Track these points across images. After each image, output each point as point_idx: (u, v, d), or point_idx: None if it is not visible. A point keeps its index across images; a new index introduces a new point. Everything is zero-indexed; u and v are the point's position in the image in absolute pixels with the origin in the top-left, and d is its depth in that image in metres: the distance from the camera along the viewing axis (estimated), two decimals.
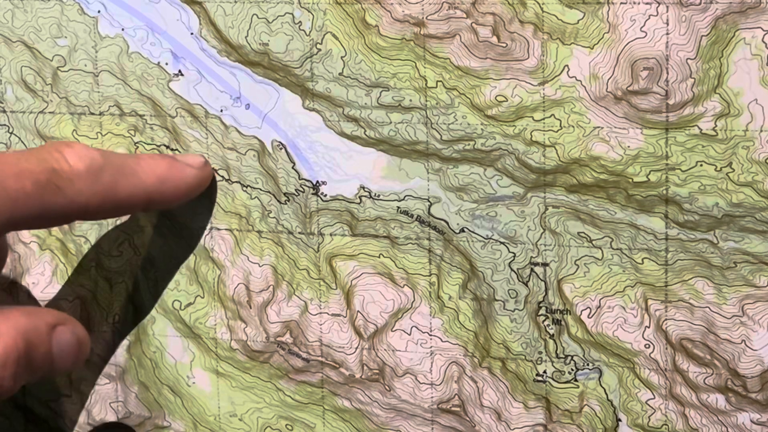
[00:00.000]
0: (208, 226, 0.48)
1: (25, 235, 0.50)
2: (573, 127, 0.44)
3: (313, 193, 0.47)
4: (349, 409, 0.48)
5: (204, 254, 0.49)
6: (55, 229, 0.49)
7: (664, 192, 0.44)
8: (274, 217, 0.48)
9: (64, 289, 0.50)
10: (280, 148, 0.47)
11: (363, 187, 0.47)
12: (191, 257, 0.49)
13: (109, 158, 0.44)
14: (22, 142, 0.49)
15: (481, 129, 0.45)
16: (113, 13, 0.48)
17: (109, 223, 0.49)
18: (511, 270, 0.46)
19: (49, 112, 0.49)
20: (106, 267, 0.49)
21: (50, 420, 0.51)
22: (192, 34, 0.47)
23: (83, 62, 0.48)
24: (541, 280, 0.46)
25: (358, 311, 0.48)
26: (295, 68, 0.46)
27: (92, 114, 0.48)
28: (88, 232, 0.49)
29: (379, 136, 0.46)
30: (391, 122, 0.46)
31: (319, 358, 0.48)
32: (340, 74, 0.46)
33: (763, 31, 0.42)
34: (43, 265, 0.50)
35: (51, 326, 0.42)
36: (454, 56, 0.45)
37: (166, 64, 0.48)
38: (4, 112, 0.49)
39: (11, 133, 0.49)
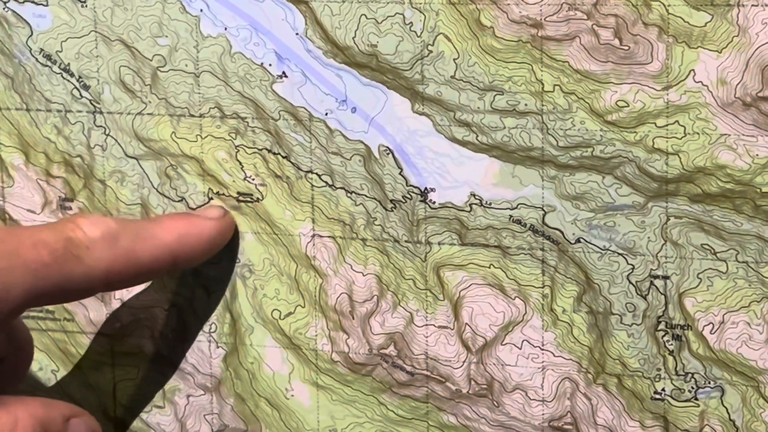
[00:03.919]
0: (311, 233, 0.47)
1: None
2: (698, 134, 0.43)
3: (421, 200, 0.46)
4: (455, 425, 0.47)
5: (306, 262, 0.47)
6: None
7: None
8: (379, 225, 0.46)
9: (160, 297, 0.48)
10: (388, 154, 0.46)
11: (474, 195, 0.45)
12: (292, 265, 0.47)
13: (124, 224, 0.44)
14: (119, 143, 0.48)
15: (600, 135, 0.43)
16: (216, 12, 0.46)
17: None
18: (630, 283, 0.44)
19: (148, 114, 0.47)
20: (204, 274, 0.48)
21: None
22: (297, 34, 0.46)
23: (184, 62, 0.47)
24: (661, 293, 0.44)
25: (467, 323, 0.46)
26: (405, 70, 0.45)
27: (192, 116, 0.47)
28: None
29: (491, 142, 0.44)
30: (504, 127, 0.44)
31: (425, 372, 0.47)
32: (452, 77, 0.44)
33: None
34: None
35: (66, 418, 0.42)
36: (573, 59, 0.43)
37: (270, 65, 0.46)
38: (101, 113, 0.48)
39: (107, 134, 0.48)
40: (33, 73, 0.48)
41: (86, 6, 0.47)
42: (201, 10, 0.46)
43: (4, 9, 0.47)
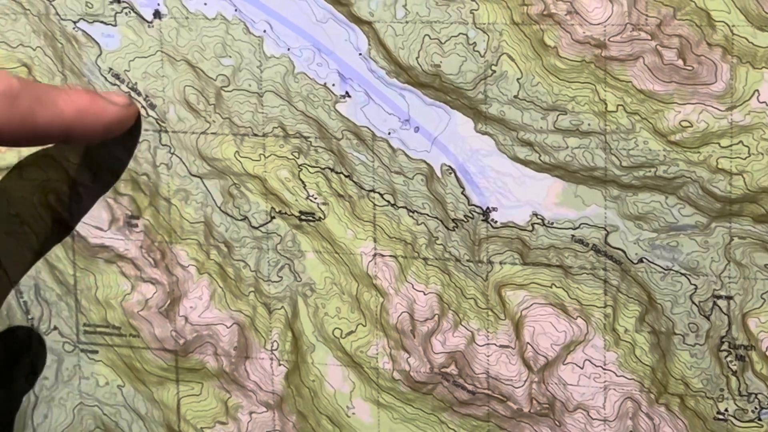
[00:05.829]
0: (372, 252, 0.47)
1: (184, 258, 0.49)
2: (762, 154, 0.42)
3: (482, 220, 0.46)
4: None
5: (367, 281, 0.47)
6: (214, 253, 0.48)
7: None
8: (441, 244, 0.46)
9: (222, 314, 0.49)
10: (450, 173, 0.46)
11: (536, 214, 0.45)
12: (353, 284, 0.47)
13: (28, 86, 0.44)
14: (183, 162, 0.48)
15: (664, 155, 0.43)
16: (279, 32, 0.46)
17: (268, 247, 0.48)
18: (693, 303, 0.44)
19: (212, 133, 0.48)
20: (266, 292, 0.48)
21: None
22: (360, 54, 0.46)
23: (247, 82, 0.47)
24: (725, 314, 0.44)
25: (528, 343, 0.46)
26: (468, 90, 0.45)
27: (255, 135, 0.47)
28: (248, 257, 0.48)
29: (554, 162, 0.45)
30: (567, 147, 0.44)
31: (486, 391, 0.47)
32: (515, 97, 0.44)
33: None
34: (201, 289, 0.49)
35: None
36: (636, 79, 0.43)
37: (333, 85, 0.46)
38: (166, 132, 0.48)
39: (172, 153, 0.48)
40: None
41: (153, 26, 0.47)
42: (264, 31, 0.47)
43: (74, 29, 0.48)
